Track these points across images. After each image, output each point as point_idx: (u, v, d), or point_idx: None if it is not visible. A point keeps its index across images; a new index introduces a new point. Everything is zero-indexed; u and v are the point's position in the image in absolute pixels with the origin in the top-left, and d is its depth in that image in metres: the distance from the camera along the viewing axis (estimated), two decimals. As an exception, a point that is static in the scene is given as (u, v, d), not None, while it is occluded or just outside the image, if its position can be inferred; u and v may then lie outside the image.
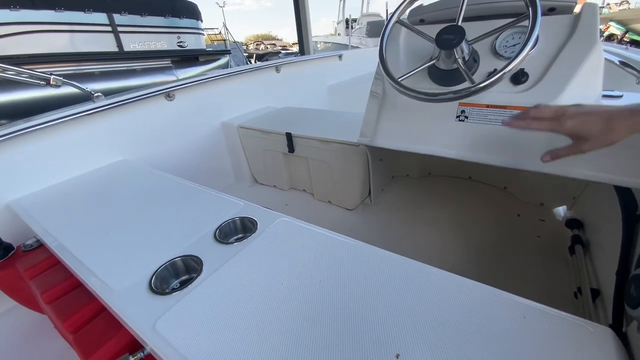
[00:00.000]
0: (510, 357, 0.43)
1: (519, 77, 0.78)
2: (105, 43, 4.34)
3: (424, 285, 0.55)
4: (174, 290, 0.60)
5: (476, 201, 1.47)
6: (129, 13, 4.53)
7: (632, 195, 0.73)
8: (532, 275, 1.05)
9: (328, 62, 2.88)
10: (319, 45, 12.94)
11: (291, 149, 1.49)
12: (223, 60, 6.42)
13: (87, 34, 4.16)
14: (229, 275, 0.62)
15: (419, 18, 0.97)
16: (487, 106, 0.81)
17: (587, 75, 0.71)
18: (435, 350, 0.45)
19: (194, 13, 5.62)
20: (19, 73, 1.12)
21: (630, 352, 0.45)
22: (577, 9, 0.77)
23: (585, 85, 0.72)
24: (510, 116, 0.63)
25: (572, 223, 1.12)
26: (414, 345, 0.46)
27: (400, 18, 0.87)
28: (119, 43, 4.48)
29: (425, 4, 0.95)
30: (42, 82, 1.13)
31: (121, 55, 4.50)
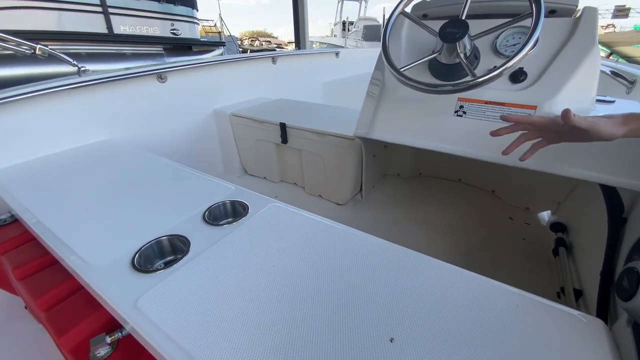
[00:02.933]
0: (503, 343, 0.43)
1: (517, 76, 0.79)
2: (94, 23, 4.19)
3: (417, 272, 0.55)
4: (158, 270, 0.57)
5: (464, 203, 1.49)
6: (122, -5, 4.40)
7: (618, 196, 0.75)
8: (516, 276, 1.07)
9: (325, 58, 2.87)
10: (314, 46, 12.93)
11: (284, 139, 1.47)
12: (217, 51, 6.32)
13: (76, 13, 4.00)
14: (218, 256, 0.59)
15: (422, 13, 0.97)
16: (486, 102, 0.81)
17: (584, 77, 0.73)
18: (429, 335, 0.44)
19: (189, 1, 5.51)
20: (5, 40, 1.05)
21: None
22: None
23: (581, 88, 0.73)
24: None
25: (556, 226, 1.15)
26: (408, 329, 0.45)
27: (405, 10, 0.86)
28: (109, 25, 4.33)
29: (429, -1, 0.96)
30: (27, 51, 1.07)
31: (110, 37, 4.35)
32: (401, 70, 0.80)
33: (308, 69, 2.59)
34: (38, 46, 1.10)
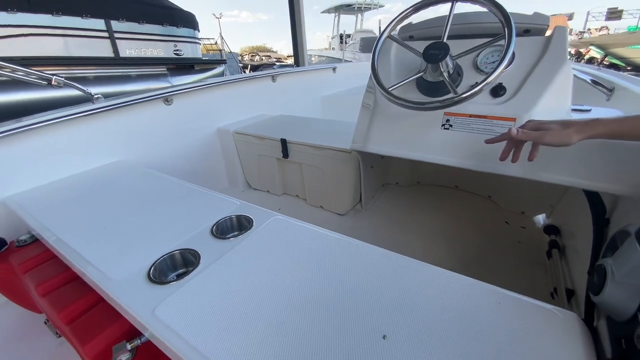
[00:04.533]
0: (484, 337, 0.47)
1: (497, 91, 0.86)
2: (101, 48, 4.36)
3: (410, 277, 0.60)
4: (172, 281, 0.63)
5: (462, 209, 1.53)
6: (127, 20, 4.59)
7: (600, 199, 0.80)
8: (511, 277, 1.10)
9: (322, 74, 2.97)
10: (313, 59, 13.22)
11: (285, 154, 1.54)
12: (218, 69, 6.50)
13: (83, 38, 4.18)
14: (226, 267, 0.65)
15: (409, 34, 1.05)
16: (470, 116, 0.87)
17: (557, 90, 0.79)
18: (419, 332, 0.49)
19: (191, 23, 5.71)
20: (27, 74, 1.14)
21: (600, 345, 0.49)
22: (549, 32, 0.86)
23: (556, 99, 0.79)
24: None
25: (550, 229, 1.19)
26: (399, 328, 0.50)
27: (391, 34, 0.94)
28: (115, 49, 4.51)
29: (415, 22, 1.03)
30: (43, 82, 1.16)
31: (117, 60, 4.52)
32: (389, 89, 0.87)
33: (306, 84, 2.69)
34: (54, 77, 1.18)
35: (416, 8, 0.87)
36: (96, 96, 1.31)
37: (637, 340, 0.43)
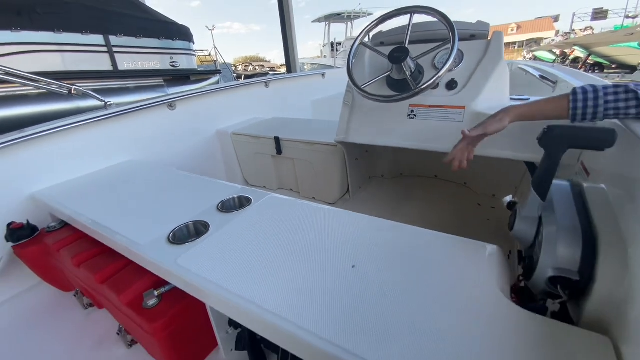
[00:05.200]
0: (426, 267, 0.64)
1: (451, 85, 1.04)
2: (100, 62, 4.54)
3: (384, 232, 0.76)
4: (188, 242, 0.79)
5: (440, 196, 1.70)
6: (125, 35, 4.78)
7: (536, 168, 0.98)
8: None
9: (313, 79, 3.17)
10: (306, 67, 13.49)
11: (279, 151, 1.71)
12: (213, 79, 6.69)
13: (83, 54, 4.36)
14: (232, 231, 0.81)
15: (380, 41, 1.23)
16: (430, 106, 1.05)
17: (496, 82, 0.97)
18: (380, 265, 0.65)
19: (186, 35, 5.91)
20: (48, 84, 1.31)
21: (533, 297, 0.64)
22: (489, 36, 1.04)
23: (495, 90, 0.97)
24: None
25: (511, 205, 1.36)
26: (365, 262, 0.66)
27: (363, 41, 1.12)
28: (114, 62, 4.69)
29: (385, 30, 1.22)
30: (65, 92, 1.33)
31: (115, 73, 4.70)
32: (362, 86, 1.05)
33: (298, 89, 2.88)
34: (73, 87, 1.35)
35: (380, 21, 1.05)
36: (109, 103, 1.47)
37: (535, 258, 0.60)
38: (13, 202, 1.15)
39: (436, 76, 0.91)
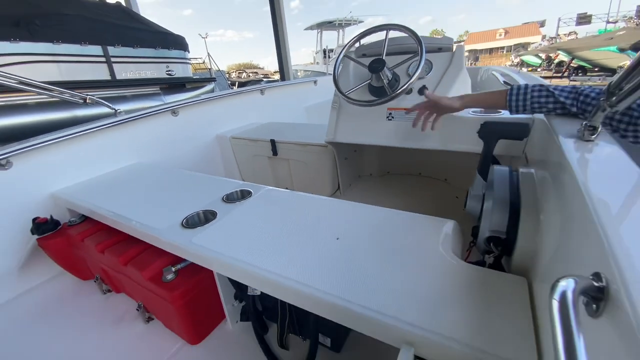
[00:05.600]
0: (396, 238, 0.79)
1: (423, 90, 1.21)
2: (99, 72, 4.67)
3: (366, 214, 0.91)
4: (200, 226, 0.93)
5: (423, 191, 1.87)
6: (122, 45, 4.92)
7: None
8: None
9: (305, 86, 3.34)
10: (299, 74, 13.70)
11: (275, 152, 1.86)
12: (208, 87, 6.84)
13: (82, 64, 4.49)
14: (236, 217, 0.96)
15: (362, 53, 1.40)
16: (405, 109, 1.22)
17: (459, 87, 1.14)
18: (359, 237, 0.80)
19: (182, 45, 6.07)
20: (61, 92, 1.45)
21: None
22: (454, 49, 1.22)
23: (459, 93, 1.14)
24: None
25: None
26: (347, 235, 0.81)
27: (347, 54, 1.29)
28: (112, 72, 4.82)
29: (367, 43, 1.39)
30: (80, 101, 1.47)
31: (113, 82, 4.83)
32: (346, 93, 1.21)
33: (291, 96, 3.04)
34: (88, 96, 1.49)
35: (360, 36, 1.22)
36: (118, 110, 1.62)
37: (480, 231, 0.76)
38: (36, 199, 1.29)
39: (407, 83, 1.07)
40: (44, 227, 1.20)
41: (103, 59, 4.67)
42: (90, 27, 4.62)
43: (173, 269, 0.91)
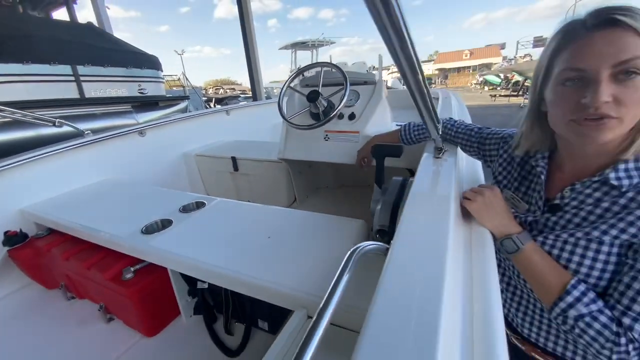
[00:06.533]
0: (317, 235, 1.00)
1: (352, 116, 1.46)
2: (67, 91, 4.70)
3: (293, 216, 1.12)
4: (157, 232, 1.10)
5: (370, 200, 2.11)
6: (92, 65, 4.99)
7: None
8: None
9: (273, 106, 3.57)
10: (275, 91, 14.02)
11: (235, 168, 2.05)
12: (182, 105, 6.94)
13: (51, 83, 4.52)
14: (189, 224, 1.13)
15: (306, 83, 1.65)
16: (337, 131, 1.46)
17: (381, 114, 1.40)
18: (288, 234, 1.00)
19: (155, 64, 6.19)
20: (33, 116, 1.58)
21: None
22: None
23: (381, 119, 1.41)
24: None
25: None
26: (278, 234, 1.01)
27: (291, 85, 1.53)
28: (81, 90, 4.86)
29: (308, 76, 1.64)
30: (49, 123, 1.60)
31: (82, 101, 4.86)
32: (288, 118, 1.44)
33: (258, 115, 3.26)
34: (57, 120, 1.63)
35: (299, 72, 1.47)
36: (86, 132, 1.76)
37: (373, 226, 0.98)
38: (6, 215, 1.39)
39: (335, 111, 1.32)
40: (14, 239, 1.31)
41: (72, 78, 4.71)
42: (60, 47, 4.68)
43: (132, 269, 1.07)
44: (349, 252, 0.54)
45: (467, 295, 0.51)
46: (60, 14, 7.86)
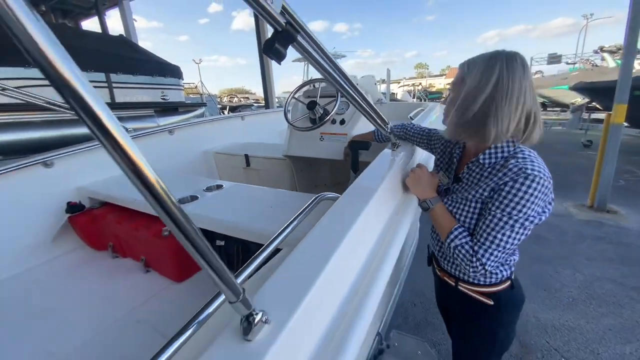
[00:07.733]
0: (287, 202, 1.34)
1: (343, 121, 1.81)
2: (100, 96, 5.24)
3: (286, 196, 1.47)
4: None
5: None
6: (123, 73, 5.55)
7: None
8: None
9: (281, 114, 3.97)
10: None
11: (248, 164, 2.42)
12: (199, 111, 7.47)
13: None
14: (211, 199, 1.49)
15: (308, 94, 2.02)
16: (330, 134, 1.82)
17: (366, 120, 1.75)
18: (271, 201, 1.35)
19: (176, 73, 6.76)
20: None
21: None
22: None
23: (366, 125, 1.75)
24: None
25: None
26: (268, 199, 1.36)
27: (295, 96, 1.90)
28: (112, 95, 5.40)
29: (311, 88, 2.02)
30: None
31: (113, 105, 5.39)
32: (292, 122, 1.81)
33: (269, 121, 3.66)
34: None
35: (300, 87, 1.85)
36: (129, 129, 2.16)
37: None
38: (67, 190, 1.79)
39: (327, 117, 1.67)
40: (75, 208, 1.70)
41: (105, 85, 5.25)
42: (96, 57, 5.25)
43: (168, 229, 1.43)
44: (312, 199, 0.88)
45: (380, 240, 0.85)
46: (88, 24, 8.58)
